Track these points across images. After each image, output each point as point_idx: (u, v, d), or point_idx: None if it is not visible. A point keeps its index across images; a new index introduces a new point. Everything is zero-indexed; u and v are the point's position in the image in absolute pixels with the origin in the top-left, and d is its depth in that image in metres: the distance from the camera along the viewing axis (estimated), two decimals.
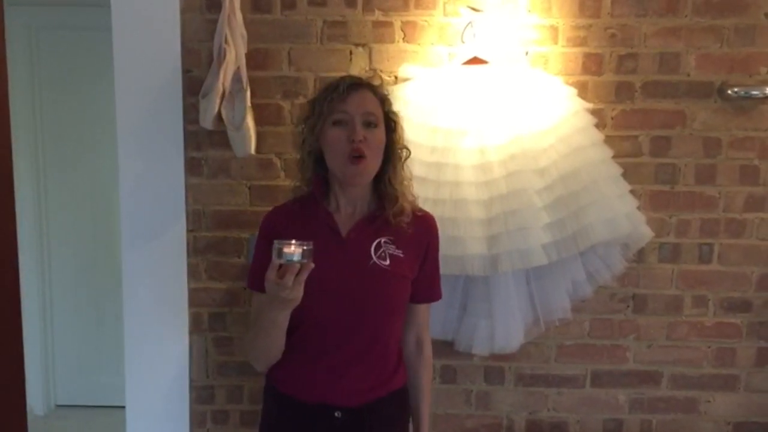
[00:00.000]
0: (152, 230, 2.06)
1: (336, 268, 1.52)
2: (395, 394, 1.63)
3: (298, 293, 1.36)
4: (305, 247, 1.33)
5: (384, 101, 1.58)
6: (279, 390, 1.61)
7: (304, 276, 1.34)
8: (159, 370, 2.13)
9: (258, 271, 1.57)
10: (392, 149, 1.58)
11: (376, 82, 1.62)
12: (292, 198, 1.67)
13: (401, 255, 1.57)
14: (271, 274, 1.34)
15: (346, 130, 1.50)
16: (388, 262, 1.55)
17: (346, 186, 1.57)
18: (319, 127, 1.53)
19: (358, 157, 1.49)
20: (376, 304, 1.55)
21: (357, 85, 1.55)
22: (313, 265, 1.34)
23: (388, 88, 1.93)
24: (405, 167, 1.62)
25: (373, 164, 1.53)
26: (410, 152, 1.63)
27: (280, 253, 1.33)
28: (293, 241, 1.33)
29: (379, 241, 1.56)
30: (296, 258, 1.32)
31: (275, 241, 1.34)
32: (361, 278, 1.54)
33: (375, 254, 1.55)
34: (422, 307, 1.70)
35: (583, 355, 2.15)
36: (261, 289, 1.48)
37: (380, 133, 1.54)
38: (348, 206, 1.60)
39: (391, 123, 1.58)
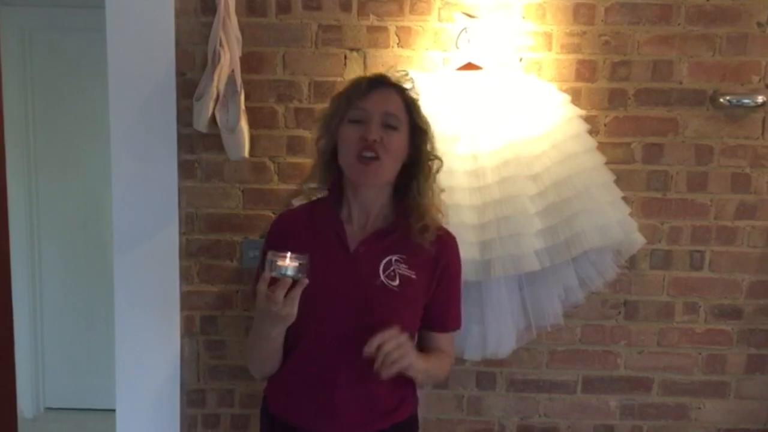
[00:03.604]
0: (144, 233, 2.06)
1: (340, 283, 1.43)
2: (399, 427, 1.53)
3: (291, 309, 1.28)
4: (300, 262, 1.26)
5: (411, 106, 1.47)
6: (276, 416, 1.53)
7: (298, 292, 1.26)
8: (150, 373, 2.12)
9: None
10: (419, 159, 1.47)
11: (407, 85, 1.51)
12: (307, 201, 1.57)
13: (413, 276, 1.45)
14: (262, 287, 1.27)
15: (361, 129, 1.40)
16: (397, 282, 1.44)
17: (358, 191, 1.46)
18: (335, 125, 1.44)
19: (370, 157, 1.39)
20: (381, 327, 1.39)
21: (381, 83, 1.45)
22: (307, 281, 1.26)
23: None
24: (435, 180, 1.50)
25: (387, 167, 1.42)
26: (442, 163, 1.52)
27: (273, 266, 1.26)
28: (288, 254, 1.26)
29: (390, 259, 1.45)
30: (290, 273, 1.25)
31: (269, 252, 1.27)
32: (366, 298, 1.43)
33: (383, 273, 1.44)
34: (441, 336, 1.58)
35: (575, 360, 2.16)
36: None
37: (400, 138, 1.43)
38: (361, 216, 1.48)
39: (418, 131, 1.47)
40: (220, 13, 1.89)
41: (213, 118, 1.91)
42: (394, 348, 1.34)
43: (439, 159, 1.51)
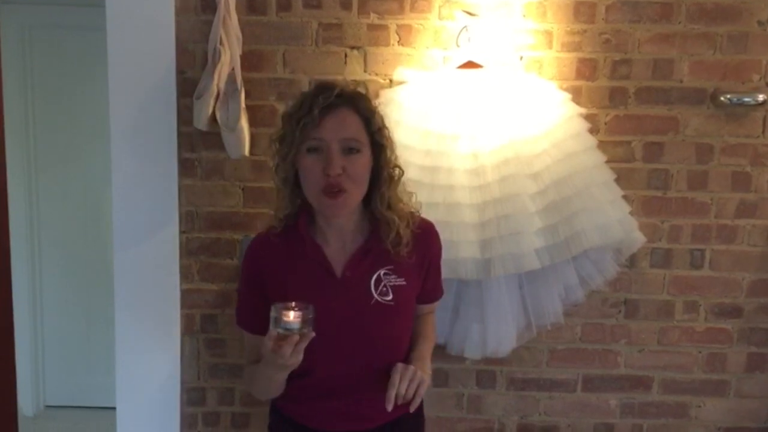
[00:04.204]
0: (144, 231, 2.06)
1: (335, 312, 1.38)
2: (408, 414, 1.53)
3: (297, 359, 1.27)
4: (305, 315, 1.23)
5: (369, 120, 1.37)
6: (292, 419, 1.53)
7: (304, 345, 1.24)
8: (150, 372, 2.12)
9: (244, 310, 1.51)
10: (381, 171, 1.41)
11: (360, 92, 1.41)
12: (276, 225, 1.47)
13: (404, 283, 1.44)
14: (268, 344, 1.24)
15: (321, 160, 1.32)
16: (391, 296, 1.42)
17: (328, 218, 1.42)
18: (293, 155, 1.36)
19: (336, 192, 1.33)
20: (384, 342, 1.44)
21: (333, 105, 1.33)
22: (313, 335, 1.23)
23: (381, 92, 1.94)
24: (400, 185, 1.46)
25: (354, 196, 1.37)
26: (403, 172, 1.46)
27: (278, 322, 1.22)
28: (292, 307, 1.22)
29: (379, 275, 1.43)
30: (295, 328, 1.22)
31: (272, 307, 1.23)
32: (364, 321, 1.42)
33: (376, 291, 1.42)
34: (429, 305, 1.62)
35: (575, 359, 2.16)
36: (250, 329, 1.45)
37: (364, 159, 1.36)
38: (337, 239, 1.44)
39: (378, 144, 1.39)
40: (220, 11, 1.89)
41: (213, 117, 1.91)
42: (407, 387, 1.35)
43: (400, 168, 1.45)
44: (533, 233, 1.83)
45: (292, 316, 1.22)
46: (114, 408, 2.15)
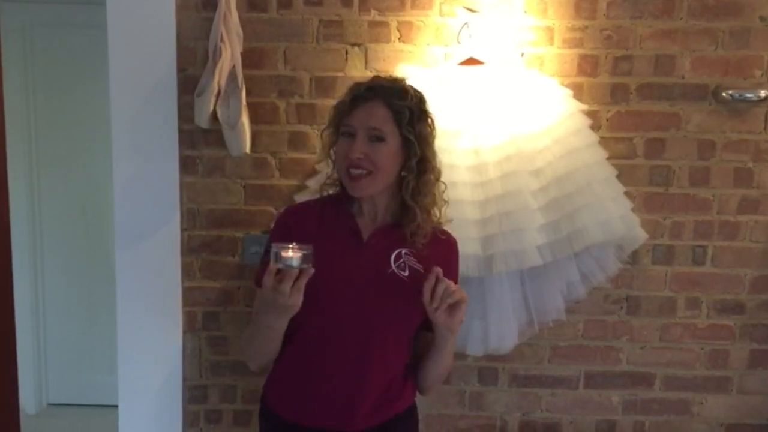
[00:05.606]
0: (146, 229, 2.06)
1: (352, 272, 1.46)
2: (402, 416, 1.56)
3: (297, 300, 1.30)
4: (305, 252, 1.26)
5: (399, 113, 1.44)
6: (277, 413, 1.55)
7: (303, 282, 1.28)
8: (152, 369, 2.13)
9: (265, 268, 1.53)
10: (411, 163, 1.47)
11: (396, 87, 1.48)
12: (317, 197, 1.60)
13: (421, 270, 1.47)
14: (268, 280, 1.28)
15: (349, 144, 1.44)
16: (407, 273, 1.48)
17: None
18: (336, 135, 1.50)
19: (358, 174, 1.43)
20: (389, 315, 1.47)
21: (364, 97, 1.45)
22: (313, 271, 1.28)
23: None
24: (436, 187, 1.51)
25: (376, 180, 1.45)
26: (440, 173, 1.52)
27: (278, 258, 1.26)
28: (292, 245, 1.27)
29: (400, 251, 1.49)
30: (295, 263, 1.26)
31: (273, 244, 1.28)
32: (376, 286, 1.46)
33: (395, 263, 1.48)
34: None
35: (577, 356, 2.16)
36: None
37: (388, 148, 1.44)
38: (371, 210, 1.52)
39: (406, 138, 1.45)
40: (220, 8, 1.89)
41: (214, 114, 1.91)
42: (444, 289, 1.37)
43: (431, 162, 1.50)
44: (535, 230, 1.83)
45: (291, 252, 1.26)
46: (116, 406, 2.15)
